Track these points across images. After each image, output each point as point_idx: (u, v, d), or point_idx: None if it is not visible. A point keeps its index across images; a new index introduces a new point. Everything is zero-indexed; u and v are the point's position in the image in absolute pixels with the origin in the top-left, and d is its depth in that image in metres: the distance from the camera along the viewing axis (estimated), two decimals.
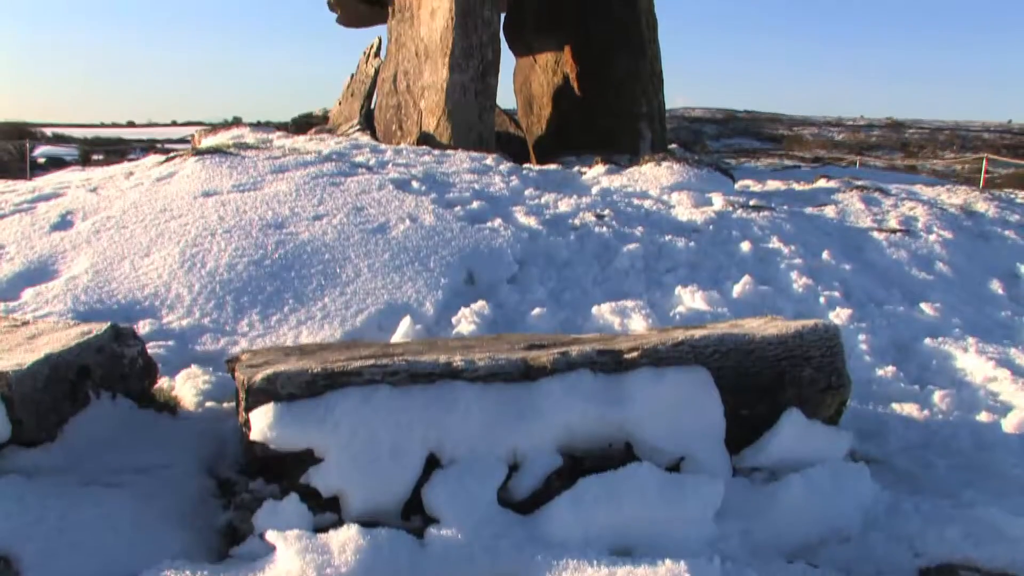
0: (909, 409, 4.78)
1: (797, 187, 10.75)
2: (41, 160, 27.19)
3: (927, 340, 5.85)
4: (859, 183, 10.63)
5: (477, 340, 4.25)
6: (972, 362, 5.47)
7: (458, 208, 7.13)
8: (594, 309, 5.68)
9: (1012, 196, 11.65)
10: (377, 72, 15.86)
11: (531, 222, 7.01)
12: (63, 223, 6.68)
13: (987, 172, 20.62)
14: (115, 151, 32.09)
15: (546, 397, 3.38)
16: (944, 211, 9.12)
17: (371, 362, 3.33)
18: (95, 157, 30.04)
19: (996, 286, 7.28)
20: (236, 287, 5.47)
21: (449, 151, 10.47)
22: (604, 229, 7.10)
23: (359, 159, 9.24)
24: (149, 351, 4.23)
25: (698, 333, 3.84)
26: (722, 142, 49.39)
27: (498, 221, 6.90)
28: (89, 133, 43.63)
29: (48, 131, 42.07)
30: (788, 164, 22.82)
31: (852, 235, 8.03)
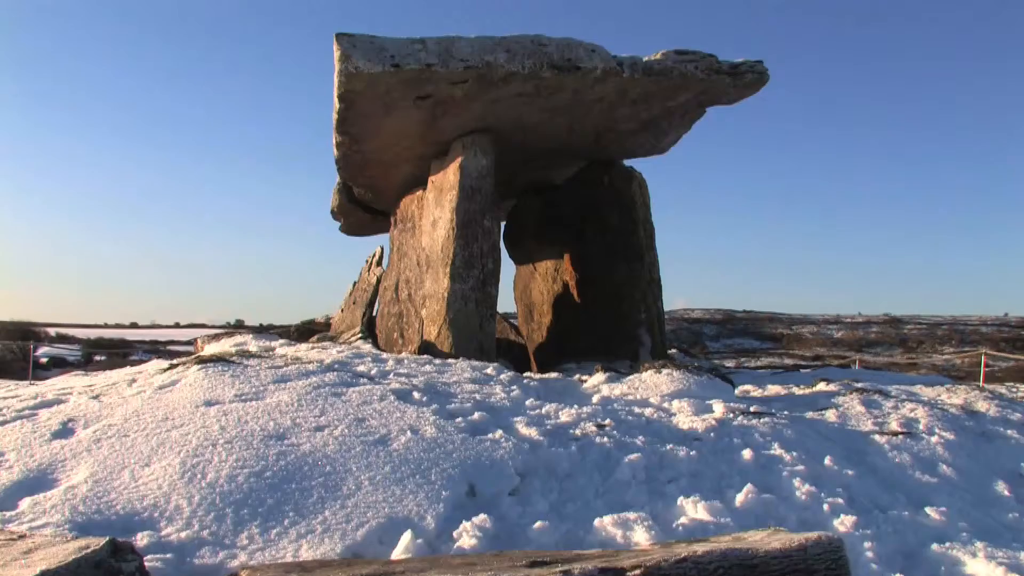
0: None
1: (797, 391, 10.80)
2: (44, 360, 27.49)
3: (934, 546, 5.75)
4: (859, 385, 10.67)
5: (479, 557, 4.21)
6: (982, 568, 5.36)
7: (459, 419, 7.16)
8: (596, 522, 5.63)
9: (1013, 392, 11.70)
10: (379, 281, 16.26)
11: (532, 433, 7.02)
12: (64, 431, 6.70)
13: (987, 366, 20.79)
14: (118, 352, 32.43)
15: None
16: (945, 412, 9.14)
17: None
18: (98, 358, 30.39)
19: (1001, 487, 7.22)
20: (236, 499, 5.44)
21: (450, 360, 10.55)
22: (605, 439, 7.10)
23: (361, 368, 9.36)
24: (147, 565, 4.19)
25: (701, 549, 3.81)
26: (722, 342, 49.95)
27: (499, 432, 6.92)
28: (92, 333, 44.25)
29: (51, 331, 42.71)
30: (788, 363, 23.06)
31: (854, 439, 8.02)
